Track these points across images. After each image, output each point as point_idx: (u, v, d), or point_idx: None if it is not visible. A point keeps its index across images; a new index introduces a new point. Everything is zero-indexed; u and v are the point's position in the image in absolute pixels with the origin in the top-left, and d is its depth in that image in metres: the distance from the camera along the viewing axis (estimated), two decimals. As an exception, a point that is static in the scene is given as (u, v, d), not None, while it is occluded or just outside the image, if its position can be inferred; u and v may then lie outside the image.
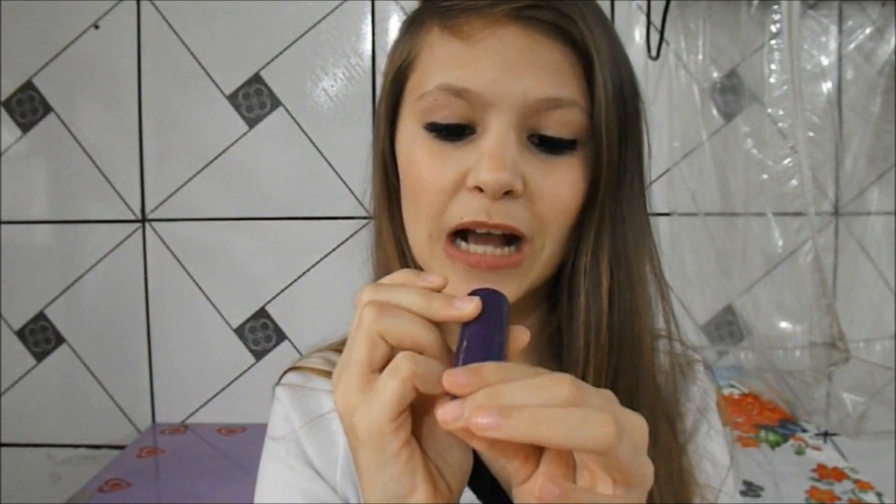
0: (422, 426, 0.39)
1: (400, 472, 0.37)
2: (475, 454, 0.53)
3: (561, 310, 0.53)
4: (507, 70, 0.48)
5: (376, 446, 0.37)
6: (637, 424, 0.34)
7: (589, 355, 0.51)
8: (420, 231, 0.51)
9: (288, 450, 0.57)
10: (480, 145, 0.49)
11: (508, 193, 0.48)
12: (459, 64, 0.49)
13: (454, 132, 0.50)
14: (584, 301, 0.51)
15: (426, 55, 0.51)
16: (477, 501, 0.53)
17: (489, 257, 0.49)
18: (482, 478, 0.54)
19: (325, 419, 0.57)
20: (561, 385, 0.32)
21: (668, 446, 0.53)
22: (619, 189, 0.51)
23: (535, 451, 0.35)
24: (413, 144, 0.51)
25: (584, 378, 0.49)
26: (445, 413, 0.33)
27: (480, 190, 0.48)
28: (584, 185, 0.50)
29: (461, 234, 0.50)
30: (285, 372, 0.61)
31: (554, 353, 0.55)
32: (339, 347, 0.61)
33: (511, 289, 0.49)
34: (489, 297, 0.39)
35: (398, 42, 0.55)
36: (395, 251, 0.56)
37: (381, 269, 0.58)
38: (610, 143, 0.49)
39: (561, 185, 0.49)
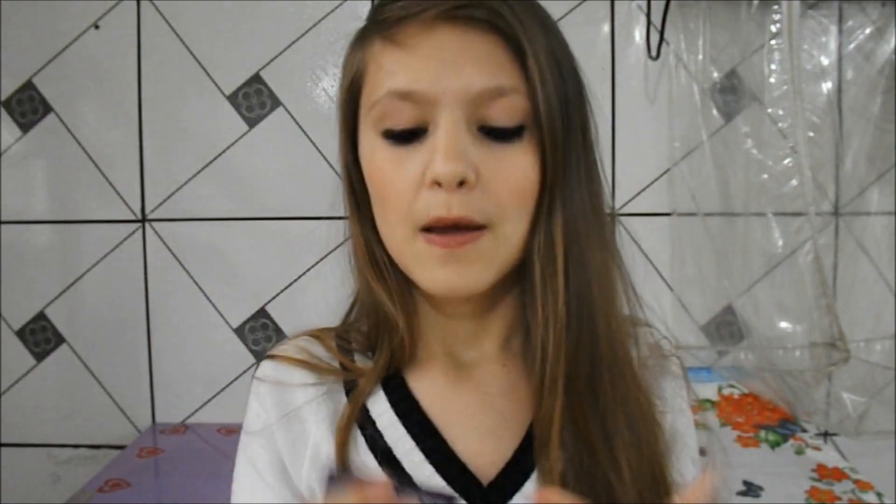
0: None
1: None
2: (442, 439, 0.56)
3: (526, 296, 0.55)
4: (447, 67, 0.51)
5: None
6: None
7: (548, 330, 0.53)
8: (395, 233, 0.54)
9: (260, 450, 0.58)
10: (433, 142, 0.51)
11: (463, 184, 0.50)
12: (402, 69, 0.52)
13: (408, 136, 0.52)
14: (540, 277, 0.53)
15: (373, 67, 0.54)
16: (445, 485, 0.54)
17: (458, 237, 0.51)
18: (451, 463, 0.55)
19: (297, 412, 0.59)
20: None
21: (639, 415, 0.55)
22: (566, 170, 0.53)
23: None
24: (374, 153, 0.54)
25: (543, 352, 0.52)
26: None
27: (439, 184, 0.50)
28: (536, 168, 0.52)
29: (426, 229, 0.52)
30: (262, 359, 0.63)
31: (523, 343, 0.57)
32: (317, 333, 0.63)
33: (482, 270, 0.52)
34: None
35: (347, 59, 0.58)
36: (366, 257, 0.59)
37: (357, 275, 0.61)
38: (552, 125, 0.52)
39: (513, 170, 0.52)
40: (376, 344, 0.59)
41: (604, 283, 0.55)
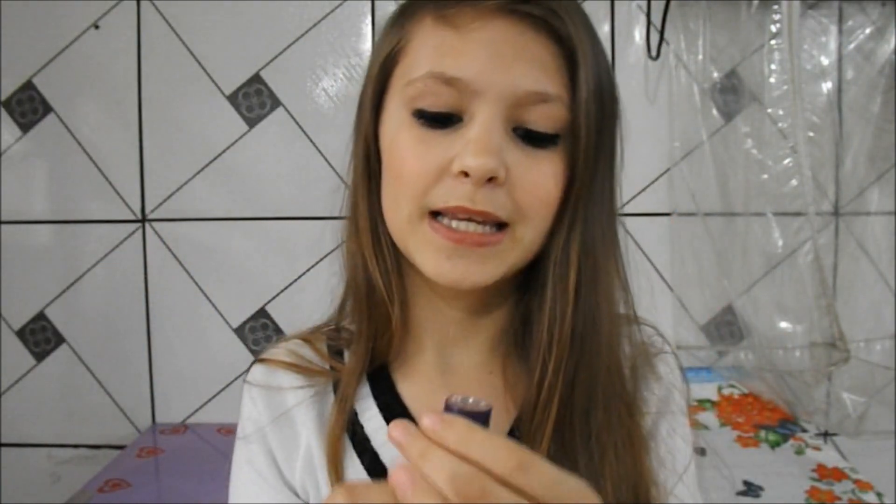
0: None
1: None
2: (396, 395, 0.57)
3: (532, 300, 0.55)
4: (497, 61, 0.49)
5: None
6: None
7: (551, 346, 0.52)
8: (400, 212, 0.52)
9: (257, 450, 0.58)
10: (467, 133, 0.50)
11: (492, 180, 0.49)
12: (450, 52, 0.50)
13: (441, 120, 0.51)
14: (551, 293, 0.53)
15: (417, 43, 0.52)
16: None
17: (473, 234, 0.50)
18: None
19: (288, 414, 0.58)
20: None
21: (627, 440, 0.54)
22: (592, 185, 0.53)
23: None
24: (399, 130, 0.52)
25: (543, 370, 0.52)
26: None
27: (465, 175, 0.49)
28: (563, 179, 0.52)
29: (439, 212, 0.51)
30: (253, 363, 0.62)
31: (520, 343, 0.56)
32: (307, 336, 0.63)
33: (491, 268, 0.51)
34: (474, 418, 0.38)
35: (388, 30, 0.56)
36: (369, 235, 0.57)
37: (354, 254, 0.59)
38: (587, 139, 0.51)
39: (542, 177, 0.51)
40: (360, 331, 0.58)
41: (610, 304, 0.54)
